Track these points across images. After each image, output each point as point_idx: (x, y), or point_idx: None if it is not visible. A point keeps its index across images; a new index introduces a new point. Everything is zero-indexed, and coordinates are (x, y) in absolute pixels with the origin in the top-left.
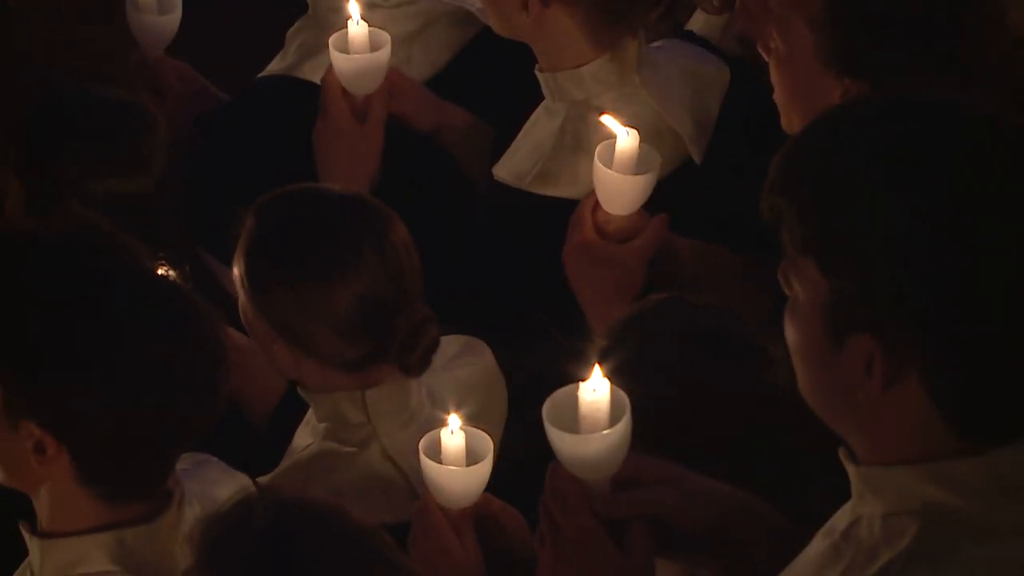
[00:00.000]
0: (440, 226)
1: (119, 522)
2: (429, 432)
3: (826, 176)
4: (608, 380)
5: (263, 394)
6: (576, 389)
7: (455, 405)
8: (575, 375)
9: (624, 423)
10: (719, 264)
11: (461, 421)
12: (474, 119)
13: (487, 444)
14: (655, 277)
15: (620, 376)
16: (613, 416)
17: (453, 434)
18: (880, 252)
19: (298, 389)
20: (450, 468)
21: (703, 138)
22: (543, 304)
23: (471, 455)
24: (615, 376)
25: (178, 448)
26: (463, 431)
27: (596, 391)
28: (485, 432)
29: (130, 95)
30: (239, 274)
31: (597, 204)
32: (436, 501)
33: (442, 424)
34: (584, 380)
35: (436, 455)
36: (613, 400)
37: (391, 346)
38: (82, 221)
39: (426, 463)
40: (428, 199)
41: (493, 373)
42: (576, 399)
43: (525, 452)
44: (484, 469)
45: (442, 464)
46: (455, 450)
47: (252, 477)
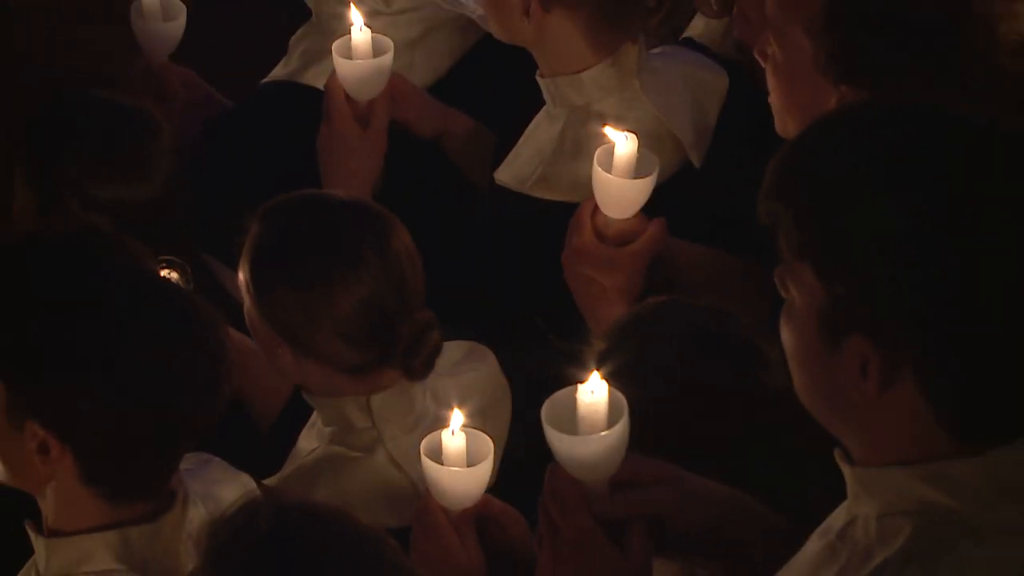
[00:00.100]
0: (441, 230)
1: (123, 521)
2: (430, 434)
3: (822, 180)
4: (606, 382)
5: (268, 396)
6: (574, 391)
7: (456, 407)
8: (574, 377)
9: (622, 425)
10: (717, 267)
11: (464, 419)
12: (476, 124)
13: (487, 445)
14: (653, 280)
15: (618, 378)
16: (611, 418)
17: (454, 435)
18: (877, 255)
19: (303, 393)
20: (451, 469)
21: (702, 143)
22: (543, 307)
23: (472, 456)
24: (613, 378)
25: (181, 448)
26: (464, 432)
27: (594, 393)
28: (489, 436)
29: (134, 101)
30: (244, 279)
31: (596, 208)
32: (437, 502)
33: (446, 427)
34: (582, 382)
35: (437, 456)
36: (611, 402)
37: (395, 351)
38: (84, 223)
39: (427, 464)
40: (430, 203)
41: (497, 378)
42: (574, 401)
43: (525, 453)
44: (484, 470)
45: (443, 465)
46: (456, 451)
47: (256, 478)
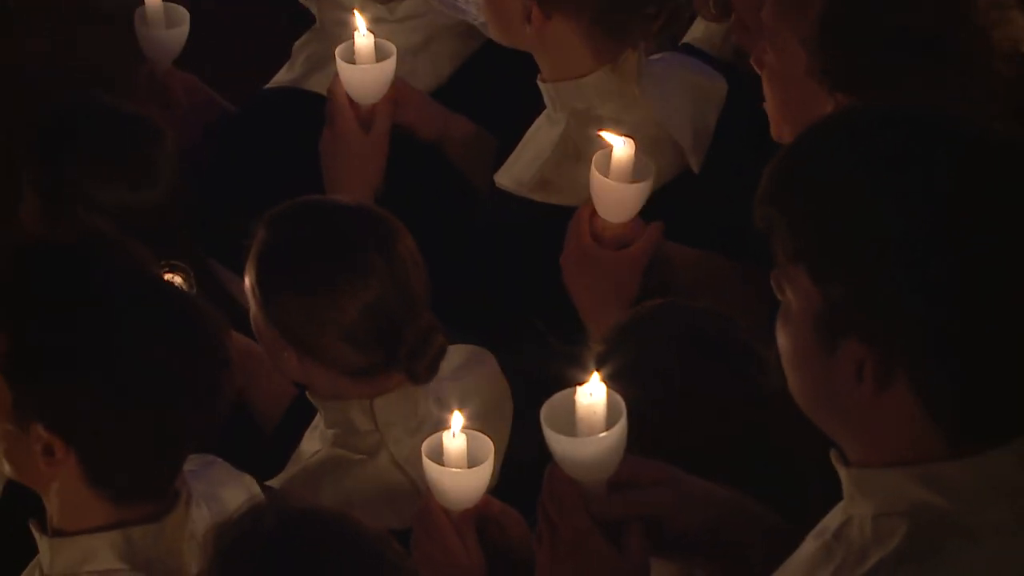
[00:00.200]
0: (442, 233)
1: (127, 521)
2: (432, 435)
3: (818, 184)
4: (605, 384)
5: (271, 399)
6: (573, 393)
7: (460, 409)
8: (573, 379)
9: (620, 426)
10: (714, 270)
11: (464, 420)
12: (477, 129)
13: (488, 447)
14: (650, 283)
15: (617, 380)
16: (609, 419)
17: (455, 437)
18: (873, 259)
19: (308, 394)
20: (452, 470)
21: (701, 148)
22: (543, 309)
23: (472, 457)
24: (612, 380)
25: (184, 450)
26: (464, 434)
27: (593, 395)
28: (490, 437)
29: (138, 108)
30: (250, 284)
31: (594, 211)
32: (438, 502)
33: (447, 428)
34: (581, 384)
35: (438, 457)
36: (609, 404)
37: (399, 354)
38: (88, 227)
39: (428, 465)
40: (431, 206)
41: (498, 381)
42: (573, 403)
43: (525, 454)
44: (485, 471)
45: (444, 466)
46: (457, 452)
47: (259, 480)
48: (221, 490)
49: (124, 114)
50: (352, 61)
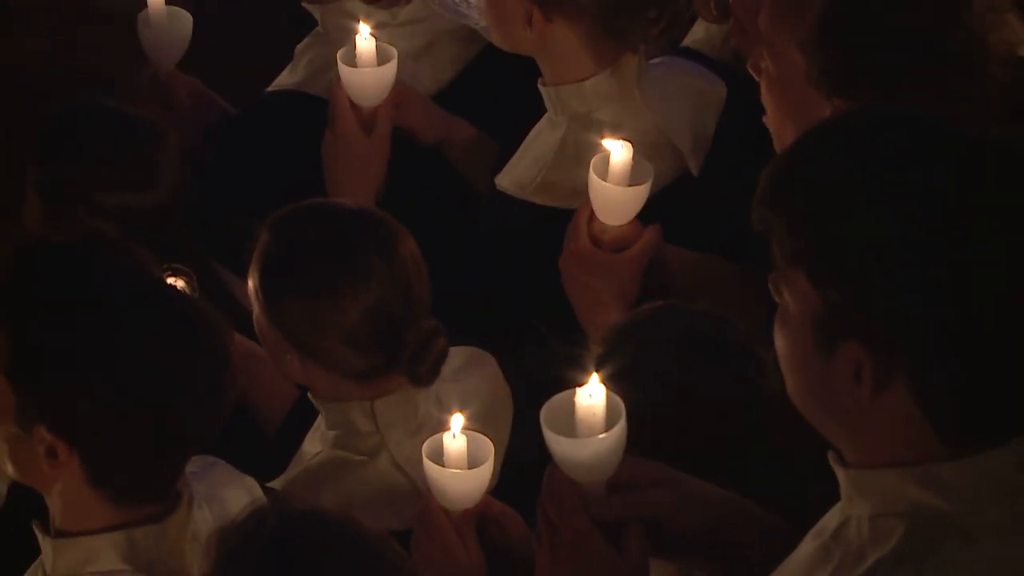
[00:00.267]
0: (443, 235)
1: (129, 522)
2: (432, 436)
3: (816, 187)
4: (604, 386)
5: (273, 400)
6: (573, 394)
7: (458, 412)
8: (572, 381)
9: (619, 428)
10: (713, 272)
11: (464, 421)
12: (478, 132)
13: (488, 448)
14: (649, 285)
15: (616, 382)
16: (609, 421)
17: (455, 438)
18: (871, 262)
19: (309, 395)
20: (452, 471)
21: (700, 151)
22: (543, 311)
23: (472, 458)
24: (611, 382)
25: (186, 452)
26: (464, 435)
27: (592, 396)
28: (490, 439)
29: (141, 110)
30: (253, 287)
31: (593, 214)
32: (439, 503)
33: (447, 430)
34: (581, 386)
35: (439, 458)
36: (609, 405)
37: (401, 357)
38: (90, 229)
39: (429, 466)
40: (432, 209)
41: (498, 382)
42: (573, 404)
43: (524, 455)
44: (485, 472)
45: (444, 467)
46: (457, 453)
47: (261, 481)
48: (223, 491)
49: (126, 116)
50: (354, 64)
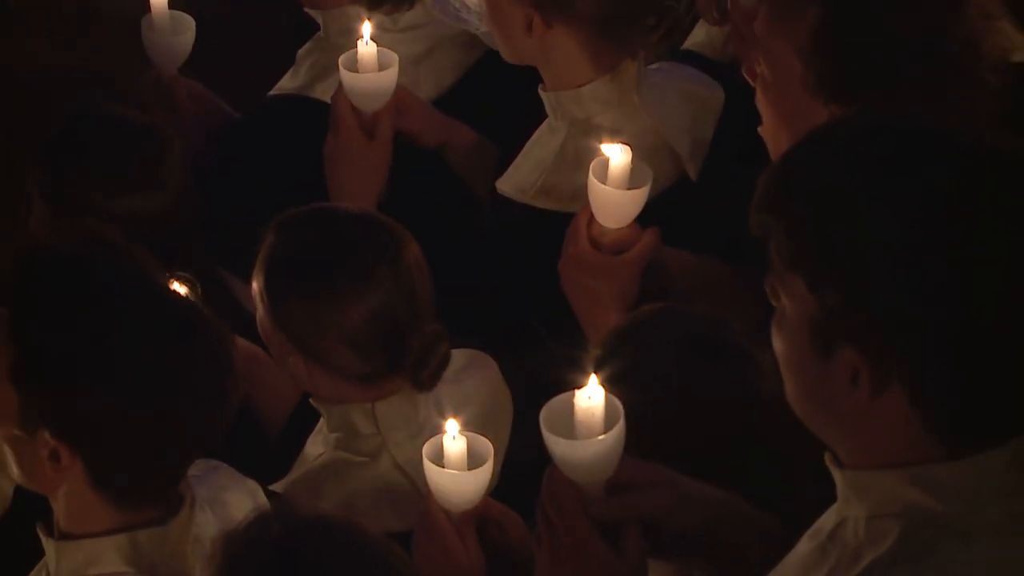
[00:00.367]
0: (444, 239)
1: (132, 525)
2: (432, 438)
3: (814, 192)
4: (603, 387)
5: (276, 403)
6: (572, 396)
7: (459, 414)
8: (571, 382)
9: (618, 429)
10: (711, 275)
11: (459, 426)
12: (479, 137)
13: (488, 449)
14: (648, 288)
15: (615, 383)
16: (607, 422)
17: (455, 439)
18: (869, 266)
19: (311, 399)
20: (452, 472)
21: (699, 156)
22: (542, 313)
23: (472, 460)
24: (610, 383)
25: (188, 456)
26: (464, 436)
27: (591, 398)
28: (490, 440)
29: (144, 115)
30: (258, 288)
31: (592, 217)
32: (439, 504)
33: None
34: (580, 387)
35: (439, 460)
36: (607, 407)
37: (404, 362)
38: (94, 236)
39: (429, 467)
40: (433, 212)
41: (499, 385)
42: (572, 406)
43: (524, 457)
44: (485, 473)
45: (444, 468)
46: (457, 455)
47: (264, 483)
48: (225, 495)
49: (130, 120)
50: (355, 70)
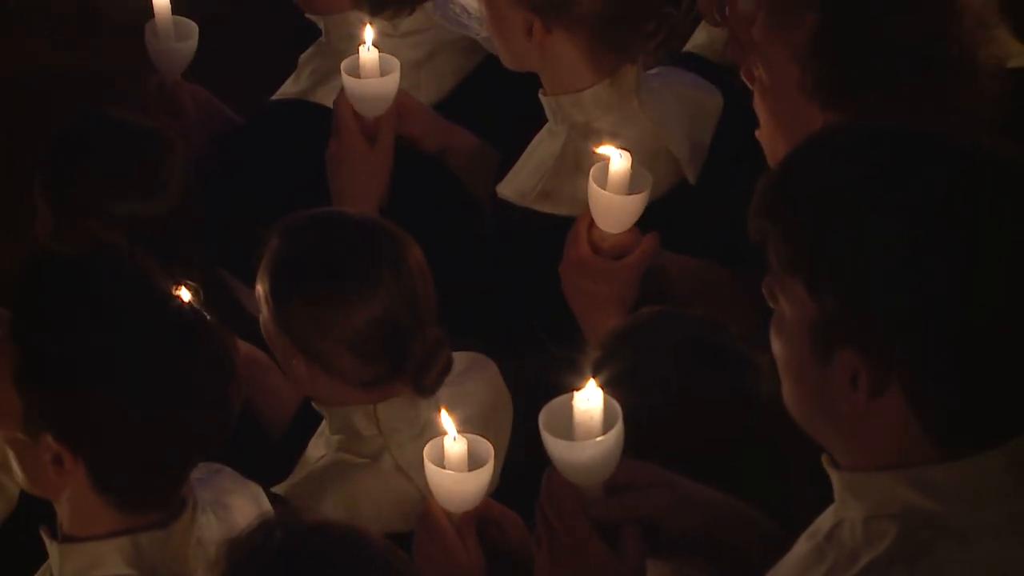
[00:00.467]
0: (444, 242)
1: (135, 528)
2: (433, 439)
3: (813, 197)
4: (602, 390)
5: (278, 406)
6: (571, 398)
7: (460, 416)
8: (570, 385)
9: (616, 431)
10: (710, 278)
11: (454, 422)
12: (480, 141)
13: (488, 450)
14: (647, 291)
15: (613, 386)
16: (606, 424)
17: (455, 441)
18: (868, 270)
19: (312, 402)
20: (453, 473)
21: (697, 160)
22: (542, 316)
23: (473, 461)
24: (609, 386)
25: (190, 460)
26: (465, 438)
27: (590, 400)
28: (491, 442)
29: (147, 119)
30: (263, 291)
31: (592, 222)
32: (440, 505)
33: (444, 432)
34: (579, 389)
35: (440, 461)
36: (606, 409)
37: (406, 367)
38: (98, 240)
39: (430, 468)
40: (434, 216)
41: (499, 387)
42: (571, 408)
43: (524, 458)
44: (485, 474)
45: (445, 470)
46: (458, 456)
47: (266, 485)
48: (228, 498)
49: (133, 125)
50: (357, 75)
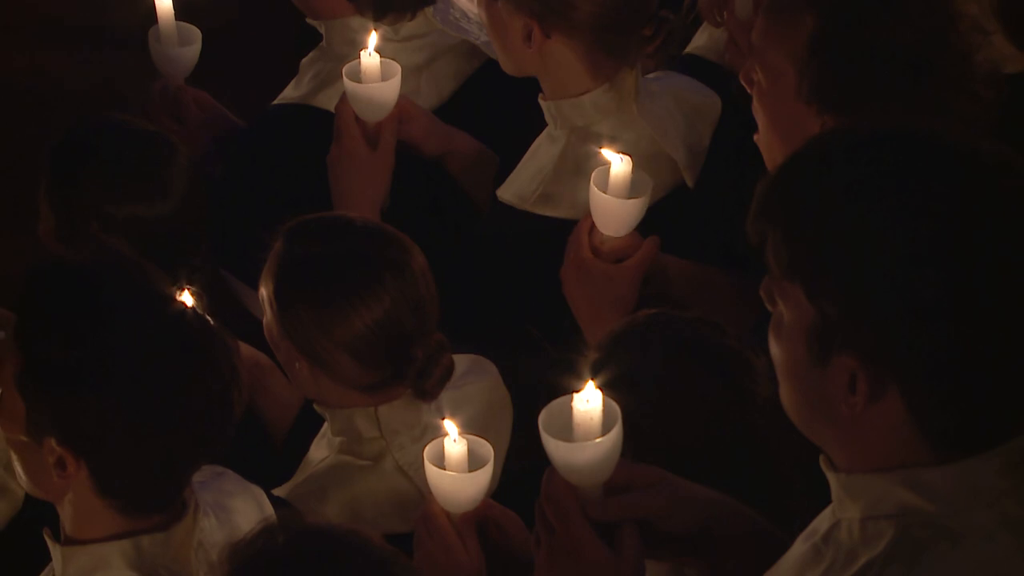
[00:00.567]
0: (444, 245)
1: (137, 530)
2: (434, 440)
3: (812, 201)
4: (600, 391)
5: (281, 409)
6: (570, 400)
7: (461, 418)
8: (570, 387)
9: (615, 432)
10: (708, 281)
11: (457, 427)
12: (480, 146)
13: (488, 451)
14: (647, 293)
15: (612, 387)
16: (605, 425)
17: (456, 442)
18: (867, 275)
19: (314, 404)
20: (453, 474)
21: (696, 164)
22: (542, 319)
23: (473, 462)
24: (607, 387)
25: (192, 464)
26: (465, 439)
27: (589, 402)
28: (491, 443)
29: (151, 124)
30: (267, 294)
31: (593, 225)
32: (440, 505)
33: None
34: (578, 391)
35: (440, 462)
36: (605, 410)
37: (409, 371)
38: (103, 247)
39: (430, 469)
40: (434, 219)
41: (499, 389)
42: (570, 409)
43: (524, 459)
44: (485, 475)
45: (445, 470)
46: (458, 457)
47: (269, 487)
48: (230, 501)
49: (137, 129)
50: (359, 80)
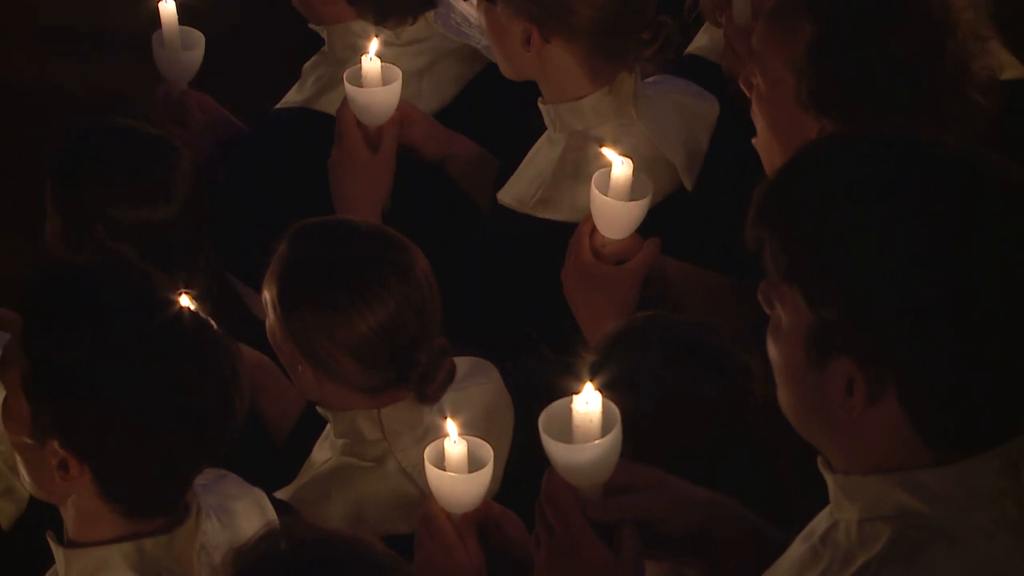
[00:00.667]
0: (445, 248)
1: (139, 533)
2: (434, 441)
3: (811, 206)
4: (600, 393)
5: (283, 411)
6: (570, 402)
7: (462, 419)
8: (569, 388)
9: (615, 433)
10: (708, 284)
11: (458, 428)
12: (480, 149)
13: (488, 452)
14: (647, 296)
15: (610, 389)
16: (604, 427)
17: (456, 443)
18: (865, 279)
19: (317, 406)
20: (453, 475)
21: (694, 167)
22: (543, 321)
23: (473, 463)
24: (606, 389)
25: (194, 468)
26: (465, 440)
27: (588, 403)
28: (492, 445)
29: (154, 128)
30: (270, 297)
31: (594, 228)
32: (440, 506)
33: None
34: (577, 393)
35: (440, 463)
36: (604, 412)
37: (411, 375)
38: (108, 251)
39: (431, 470)
40: (435, 222)
41: (500, 391)
42: (570, 411)
43: (524, 460)
44: (485, 476)
45: (446, 471)
46: (458, 458)
47: (271, 490)
48: (232, 503)
49: (140, 133)
50: (360, 85)
